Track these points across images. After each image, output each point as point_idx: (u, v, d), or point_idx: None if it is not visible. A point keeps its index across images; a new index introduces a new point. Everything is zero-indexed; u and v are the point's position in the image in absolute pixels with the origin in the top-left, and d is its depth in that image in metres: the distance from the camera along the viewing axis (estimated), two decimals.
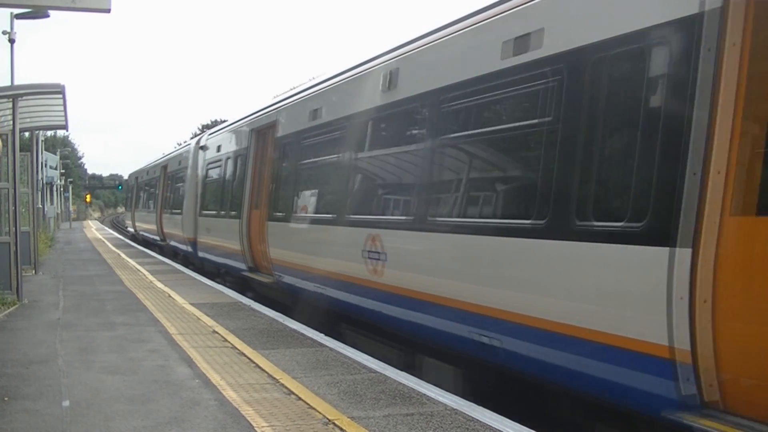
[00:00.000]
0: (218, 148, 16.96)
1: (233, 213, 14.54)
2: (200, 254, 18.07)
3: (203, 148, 18.58)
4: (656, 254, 4.58)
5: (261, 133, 13.62)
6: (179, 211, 20.72)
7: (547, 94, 5.69)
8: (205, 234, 17.36)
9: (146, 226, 29.34)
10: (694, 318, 4.38)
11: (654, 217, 4.67)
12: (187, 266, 19.21)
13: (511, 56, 6.11)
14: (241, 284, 14.52)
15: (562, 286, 5.39)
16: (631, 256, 4.80)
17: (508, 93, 6.36)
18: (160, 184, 25.66)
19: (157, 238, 25.75)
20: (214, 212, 16.56)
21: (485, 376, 6.78)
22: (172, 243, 22.69)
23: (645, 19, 4.91)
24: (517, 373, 6.18)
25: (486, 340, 6.25)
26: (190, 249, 19.23)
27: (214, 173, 17.31)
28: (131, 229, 36.97)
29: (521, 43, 5.99)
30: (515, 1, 6.26)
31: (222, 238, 15.50)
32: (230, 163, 15.60)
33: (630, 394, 4.91)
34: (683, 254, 4.42)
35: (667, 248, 4.51)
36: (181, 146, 28.44)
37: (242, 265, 13.94)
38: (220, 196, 16.28)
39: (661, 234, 4.57)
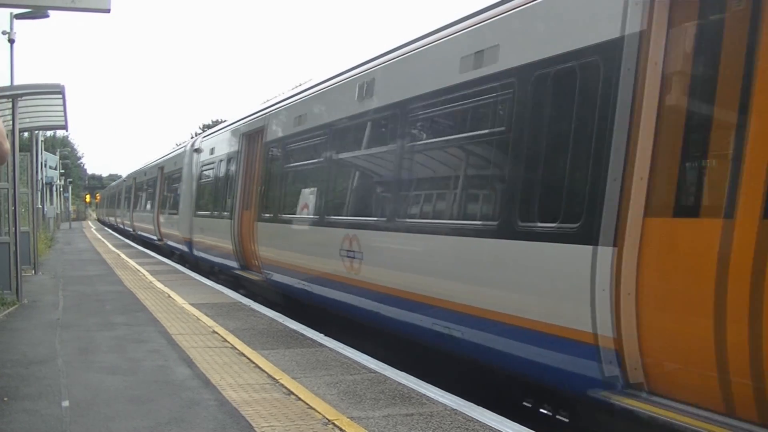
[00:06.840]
0: (211, 151, 17.68)
1: (225, 214, 15.14)
2: (195, 253, 18.76)
3: (197, 150, 19.30)
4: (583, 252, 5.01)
5: (250, 137, 14.18)
6: (175, 211, 21.48)
7: None
8: (200, 234, 17.99)
9: (144, 225, 30.32)
10: (618, 307, 4.82)
11: (584, 219, 5.12)
12: (183, 264, 19.95)
13: None
14: (234, 282, 15.03)
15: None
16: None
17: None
18: (157, 185, 26.48)
19: (155, 237, 26.52)
20: (208, 213, 17.14)
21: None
22: (170, 243, 23.33)
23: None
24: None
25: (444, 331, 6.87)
26: (186, 248, 19.91)
27: (207, 175, 18.01)
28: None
29: None
30: None
31: (215, 237, 16.05)
32: (222, 165, 16.25)
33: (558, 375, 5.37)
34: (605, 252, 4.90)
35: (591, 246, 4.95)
36: (177, 147, 29.44)
37: (234, 264, 14.47)
38: (214, 197, 16.93)
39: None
